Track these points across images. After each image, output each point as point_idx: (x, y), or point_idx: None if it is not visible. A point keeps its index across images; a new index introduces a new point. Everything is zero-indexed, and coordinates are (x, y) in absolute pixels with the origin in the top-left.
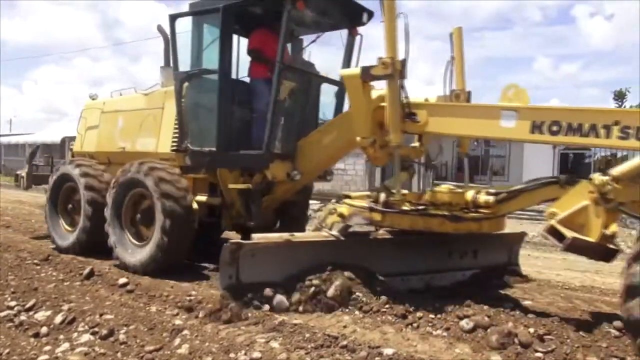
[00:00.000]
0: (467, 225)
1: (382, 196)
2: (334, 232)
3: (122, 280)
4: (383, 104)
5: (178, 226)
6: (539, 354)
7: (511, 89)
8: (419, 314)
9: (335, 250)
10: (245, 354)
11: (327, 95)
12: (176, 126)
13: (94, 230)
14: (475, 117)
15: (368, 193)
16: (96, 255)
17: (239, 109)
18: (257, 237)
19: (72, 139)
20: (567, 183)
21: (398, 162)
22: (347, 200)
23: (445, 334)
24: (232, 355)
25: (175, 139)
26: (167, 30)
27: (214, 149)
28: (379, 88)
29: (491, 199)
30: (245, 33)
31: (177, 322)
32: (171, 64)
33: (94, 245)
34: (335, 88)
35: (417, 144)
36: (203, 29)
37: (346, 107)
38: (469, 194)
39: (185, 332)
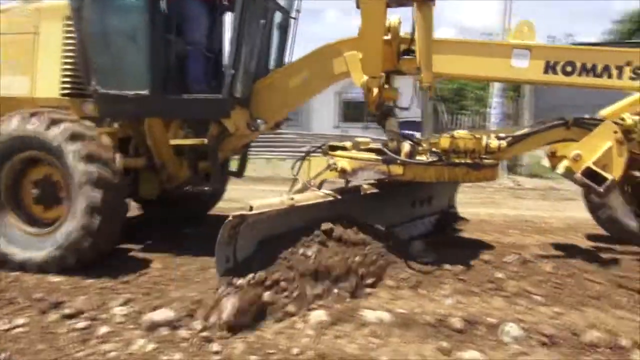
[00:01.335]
0: (485, 173)
1: (406, 146)
2: (327, 190)
3: None
4: (387, 37)
5: (108, 207)
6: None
7: (525, 26)
8: None
9: (333, 210)
10: None
11: None
12: (66, 60)
13: None
14: (484, 56)
15: (351, 143)
16: None
17: (174, 40)
18: (259, 206)
19: None
20: (575, 125)
21: (428, 106)
22: (342, 153)
23: None
24: None
25: (67, 78)
26: None
27: (145, 92)
28: None
29: (503, 143)
30: None
31: None
32: None
33: None
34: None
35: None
36: None
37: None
38: (483, 140)
39: None
